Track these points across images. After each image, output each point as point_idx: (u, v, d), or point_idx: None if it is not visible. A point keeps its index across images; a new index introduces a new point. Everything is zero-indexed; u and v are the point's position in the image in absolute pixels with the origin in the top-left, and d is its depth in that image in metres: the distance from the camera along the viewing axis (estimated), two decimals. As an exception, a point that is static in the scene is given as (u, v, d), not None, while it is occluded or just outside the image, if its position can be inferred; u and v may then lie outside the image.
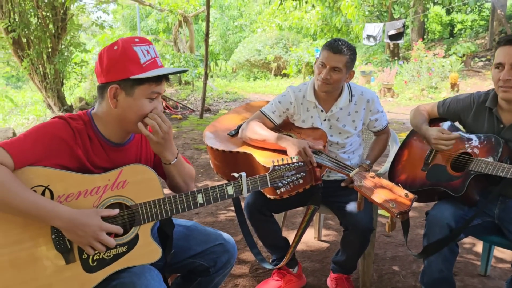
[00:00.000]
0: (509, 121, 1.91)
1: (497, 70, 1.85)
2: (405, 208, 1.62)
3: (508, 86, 1.82)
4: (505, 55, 1.82)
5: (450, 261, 1.91)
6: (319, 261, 2.64)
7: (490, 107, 1.96)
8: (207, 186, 1.54)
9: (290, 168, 1.67)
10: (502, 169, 1.75)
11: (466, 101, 2.06)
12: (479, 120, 1.99)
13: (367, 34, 12.40)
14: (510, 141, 1.90)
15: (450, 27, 19.82)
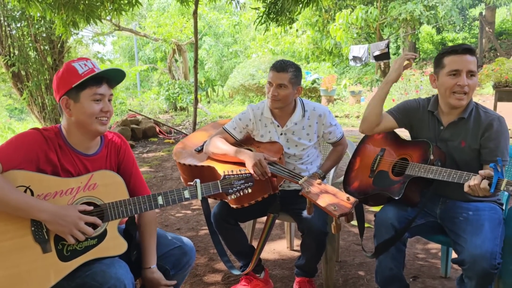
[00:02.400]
0: (447, 122, 2.07)
1: (452, 77, 1.96)
2: (346, 210, 1.79)
3: (463, 92, 1.95)
4: (462, 62, 1.94)
5: (398, 259, 2.06)
6: (288, 269, 2.77)
7: (432, 111, 2.12)
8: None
9: (239, 177, 1.89)
10: (431, 171, 1.90)
11: (414, 104, 2.20)
12: (423, 123, 2.15)
13: (353, 55, 12.73)
14: (449, 140, 2.05)
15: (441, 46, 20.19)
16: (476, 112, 2.03)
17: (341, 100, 12.36)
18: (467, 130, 2.02)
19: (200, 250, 3.12)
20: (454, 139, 2.04)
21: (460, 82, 1.93)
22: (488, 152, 1.96)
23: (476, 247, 1.78)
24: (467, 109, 2.02)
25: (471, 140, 2.00)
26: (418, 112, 2.16)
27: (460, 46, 1.97)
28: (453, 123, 2.05)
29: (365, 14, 12.99)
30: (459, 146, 2.02)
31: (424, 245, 3.07)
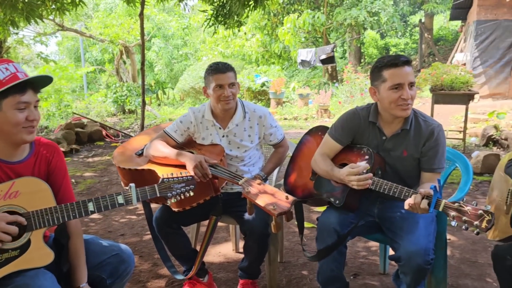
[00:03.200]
0: (390, 133, 2.06)
1: (395, 90, 1.91)
2: (285, 209, 1.81)
3: (407, 103, 1.93)
4: (403, 76, 1.91)
5: (339, 261, 2.10)
6: (233, 271, 2.77)
7: (373, 121, 2.08)
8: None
9: (179, 181, 1.83)
10: (373, 183, 1.90)
11: (355, 119, 2.11)
12: (365, 134, 2.12)
13: (301, 59, 13.02)
14: (392, 150, 2.06)
15: (385, 51, 21.05)
16: (416, 122, 2.04)
17: (289, 103, 12.57)
18: (409, 140, 2.03)
19: (145, 256, 3.05)
20: (397, 149, 2.04)
21: (404, 95, 1.91)
22: (427, 160, 2.01)
23: (411, 244, 1.85)
24: (408, 119, 2.02)
25: (412, 150, 2.02)
26: (360, 126, 2.11)
27: (399, 59, 1.93)
28: (396, 134, 2.04)
29: (312, 18, 13.30)
30: (401, 155, 2.04)
31: (365, 243, 3.17)
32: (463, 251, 3.03)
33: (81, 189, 4.88)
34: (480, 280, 2.62)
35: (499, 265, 1.82)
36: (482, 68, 11.12)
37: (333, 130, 2.16)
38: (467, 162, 2.31)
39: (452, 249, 3.05)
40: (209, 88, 2.33)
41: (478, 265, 2.82)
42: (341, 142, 2.13)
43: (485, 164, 5.02)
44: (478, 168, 5.02)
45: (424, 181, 2.02)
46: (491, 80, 11.14)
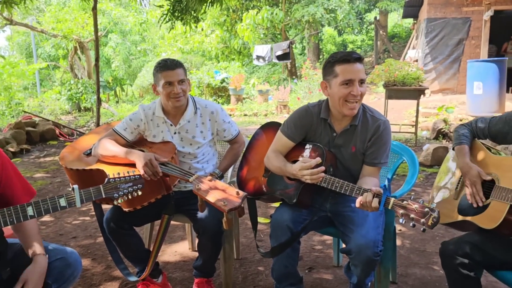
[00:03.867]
0: (340, 129, 2.09)
1: (345, 86, 1.94)
2: (236, 205, 1.81)
3: (356, 100, 1.97)
4: (354, 72, 1.94)
5: (293, 257, 2.13)
6: (189, 271, 2.75)
7: (325, 118, 2.10)
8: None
9: (126, 180, 1.78)
10: (325, 181, 1.92)
11: (307, 117, 2.14)
12: (317, 131, 2.14)
13: (257, 55, 13.07)
14: (342, 146, 2.09)
15: (343, 47, 21.49)
16: (364, 117, 2.08)
17: (249, 99, 12.59)
18: (357, 136, 2.07)
19: (98, 258, 2.98)
20: (346, 145, 2.08)
21: (354, 91, 1.94)
22: (370, 154, 2.05)
23: (361, 237, 1.91)
24: (357, 115, 2.06)
25: (360, 145, 2.07)
26: (312, 123, 2.13)
27: (351, 56, 1.96)
28: (345, 130, 2.08)
29: (270, 15, 13.37)
30: (350, 151, 2.08)
31: (320, 237, 3.24)
32: (412, 241, 3.15)
33: (31, 191, 4.69)
34: (427, 268, 2.73)
35: (447, 262, 1.87)
36: (433, 64, 11.57)
37: (286, 127, 2.17)
38: (413, 155, 2.40)
39: (403, 239, 3.17)
40: (159, 86, 2.30)
41: (426, 254, 2.94)
42: (293, 139, 2.15)
43: (435, 156, 5.23)
44: (428, 161, 5.23)
45: (365, 174, 2.07)
46: (441, 76, 11.62)
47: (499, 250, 1.76)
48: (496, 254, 1.77)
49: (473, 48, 11.40)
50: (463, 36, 11.43)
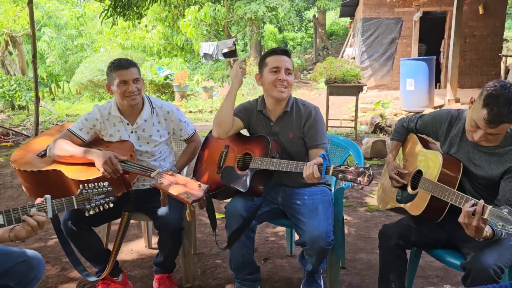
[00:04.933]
0: (274, 117, 2.33)
1: (273, 73, 2.21)
2: (199, 196, 1.90)
3: (283, 85, 2.21)
4: (281, 61, 2.22)
5: (248, 246, 2.26)
6: (148, 268, 2.79)
7: (260, 110, 2.34)
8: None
9: (99, 192, 1.78)
10: (272, 164, 2.13)
11: (249, 106, 2.40)
12: (257, 122, 2.37)
13: (204, 52, 13.09)
14: (279, 133, 2.30)
15: (283, 44, 21.94)
16: (297, 106, 2.33)
17: (194, 96, 12.55)
18: (292, 122, 2.30)
19: (51, 261, 2.92)
20: (283, 132, 2.30)
21: (280, 77, 2.20)
22: (310, 138, 2.27)
23: (313, 229, 2.07)
24: (289, 103, 2.30)
25: (296, 131, 2.29)
26: (253, 113, 2.37)
27: (279, 48, 2.29)
28: (280, 117, 2.31)
29: (213, 11, 13.38)
30: (288, 137, 2.29)
31: (273, 229, 3.39)
32: (358, 229, 3.40)
33: (-32, 196, 4.44)
34: (372, 253, 2.96)
35: (384, 243, 2.07)
36: (369, 61, 12.18)
37: (235, 110, 2.39)
38: (358, 149, 2.60)
39: (349, 228, 3.40)
40: (113, 85, 2.32)
41: (371, 240, 3.19)
42: (242, 119, 2.37)
43: (374, 149, 5.58)
44: (368, 153, 5.57)
45: (312, 157, 2.25)
46: (377, 73, 12.26)
47: (434, 231, 1.99)
48: (430, 234, 1.99)
49: (405, 46, 12.14)
50: (396, 35, 12.13)
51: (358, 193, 4.32)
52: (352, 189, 4.39)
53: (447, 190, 1.79)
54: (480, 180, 1.89)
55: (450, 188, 1.80)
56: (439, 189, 1.82)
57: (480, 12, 11.52)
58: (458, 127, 1.99)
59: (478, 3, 11.46)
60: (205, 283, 2.61)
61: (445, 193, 1.79)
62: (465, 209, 1.57)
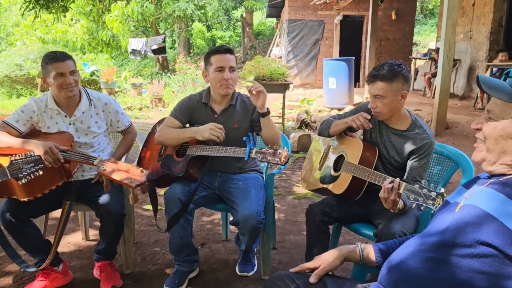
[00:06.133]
0: (219, 110, 2.48)
1: (219, 72, 2.35)
2: (142, 180, 2.04)
3: (228, 84, 2.38)
4: (224, 61, 2.36)
5: (187, 228, 2.42)
6: (87, 258, 2.85)
7: (206, 102, 2.48)
8: None
9: (28, 161, 1.93)
10: (207, 150, 2.31)
11: (190, 102, 2.52)
12: (200, 115, 2.50)
13: (132, 48, 12.88)
14: (224, 124, 2.40)
15: (212, 42, 22.06)
16: (241, 100, 2.51)
17: (122, 93, 12.28)
18: (238, 113, 2.48)
19: (-18, 258, 2.86)
20: (227, 122, 2.46)
21: (225, 76, 2.36)
22: (256, 124, 2.45)
23: (246, 209, 2.28)
24: (233, 97, 2.49)
25: (242, 121, 2.47)
26: (195, 108, 2.50)
27: (222, 47, 2.42)
28: (225, 110, 2.48)
29: (141, 7, 13.16)
30: (233, 127, 2.46)
31: (209, 217, 3.58)
32: (286, 214, 3.69)
33: None
34: (299, 234, 3.26)
35: (310, 220, 2.34)
36: (294, 61, 12.75)
37: (174, 111, 2.52)
38: (287, 140, 2.86)
39: (279, 213, 3.68)
40: (49, 77, 2.37)
41: (298, 223, 3.50)
42: (181, 120, 2.48)
43: (300, 143, 5.97)
44: (294, 147, 5.94)
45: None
46: (302, 72, 12.87)
47: (352, 207, 2.31)
48: (349, 210, 2.31)
49: (327, 47, 12.87)
50: (319, 36, 12.82)
51: (287, 183, 4.65)
52: (281, 179, 4.71)
53: (368, 171, 2.09)
54: (393, 162, 2.23)
55: (370, 169, 2.12)
56: (360, 170, 2.13)
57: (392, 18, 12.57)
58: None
59: (391, 9, 12.48)
60: (145, 268, 2.72)
61: (365, 173, 2.09)
62: (385, 186, 1.84)
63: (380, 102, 2.14)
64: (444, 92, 5.53)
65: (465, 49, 10.13)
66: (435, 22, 22.03)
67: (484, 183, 1.18)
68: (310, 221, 2.35)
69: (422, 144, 2.13)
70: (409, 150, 2.16)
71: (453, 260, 1.04)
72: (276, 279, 1.42)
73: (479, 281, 0.99)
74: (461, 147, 2.56)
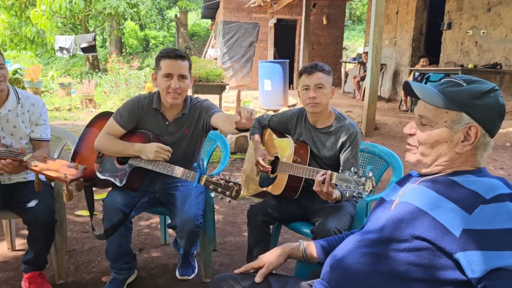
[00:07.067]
0: (172, 118, 2.37)
1: (166, 79, 2.21)
2: (77, 175, 1.92)
3: (176, 93, 2.23)
4: (174, 68, 2.21)
5: (126, 236, 2.34)
6: (14, 270, 2.66)
7: (157, 108, 2.34)
8: None
9: None
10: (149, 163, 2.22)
11: (137, 105, 2.34)
12: (149, 120, 2.37)
13: (60, 46, 12.21)
14: (176, 132, 2.37)
15: (145, 42, 21.52)
16: (194, 105, 2.39)
17: (49, 93, 11.59)
18: (191, 121, 2.38)
19: None
20: (179, 130, 2.38)
21: (172, 85, 2.19)
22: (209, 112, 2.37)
23: (184, 213, 2.24)
24: (186, 105, 2.38)
25: (194, 128, 2.39)
26: (143, 112, 2.34)
27: (174, 52, 2.24)
28: (178, 118, 2.37)
29: (69, 3, 12.49)
30: (184, 133, 2.38)
31: (146, 221, 3.49)
32: (226, 216, 3.70)
33: None
34: (239, 235, 3.29)
35: (252, 221, 2.37)
36: (230, 63, 12.81)
37: (118, 116, 2.34)
38: (225, 140, 2.88)
39: (218, 215, 3.68)
40: None
41: (237, 224, 3.52)
42: (125, 127, 2.35)
43: (237, 144, 6.01)
44: (232, 148, 5.97)
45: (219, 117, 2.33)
46: (237, 74, 12.97)
47: (291, 207, 2.37)
48: (289, 209, 2.36)
49: (262, 50, 13.07)
50: (254, 39, 12.99)
51: (225, 184, 4.64)
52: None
53: (301, 167, 2.16)
54: (326, 161, 2.32)
55: (303, 165, 2.18)
56: (294, 168, 2.19)
57: (324, 23, 13.06)
58: (304, 120, 2.41)
59: (322, 14, 12.96)
60: (79, 278, 2.60)
61: (299, 170, 2.15)
62: (317, 179, 1.91)
63: (320, 92, 2.22)
64: (372, 94, 5.84)
65: (390, 55, 10.78)
66: (362, 28, 23.21)
67: (416, 181, 1.26)
68: (252, 222, 2.37)
69: (350, 134, 2.25)
70: (340, 143, 2.26)
71: (391, 254, 1.11)
72: (220, 281, 1.42)
73: (415, 273, 1.07)
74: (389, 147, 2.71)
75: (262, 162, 2.34)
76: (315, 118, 2.34)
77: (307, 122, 2.39)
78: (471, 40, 8.30)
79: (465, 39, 8.46)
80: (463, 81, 1.18)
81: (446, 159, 1.20)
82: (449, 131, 1.18)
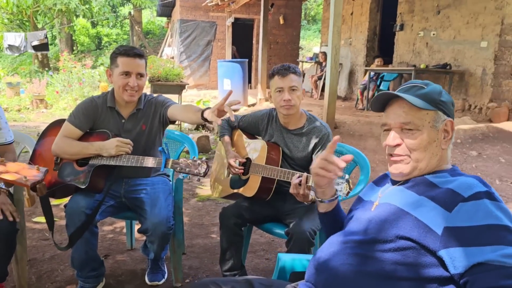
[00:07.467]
0: (127, 115, 2.34)
1: (123, 77, 2.19)
2: (38, 179, 1.78)
3: (133, 90, 2.22)
4: (132, 66, 2.19)
5: (92, 241, 2.25)
6: (-31, 283, 2.50)
7: (111, 106, 2.31)
8: None
9: None
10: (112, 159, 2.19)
11: (91, 106, 2.32)
12: (105, 119, 2.32)
13: (8, 44, 11.59)
14: (132, 129, 2.33)
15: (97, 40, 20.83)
16: (148, 101, 2.37)
17: (-5, 93, 10.98)
18: (147, 117, 2.35)
19: None
20: (136, 126, 2.34)
21: (130, 83, 2.20)
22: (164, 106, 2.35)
23: (155, 216, 2.19)
24: (141, 102, 2.36)
25: (150, 123, 2.36)
26: (97, 111, 2.31)
27: (132, 51, 2.23)
28: (133, 114, 2.35)
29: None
30: (141, 130, 2.35)
31: (110, 226, 3.39)
32: (192, 218, 3.66)
33: None
34: (207, 237, 3.26)
35: (224, 223, 2.34)
36: (188, 62, 12.66)
37: (73, 117, 2.30)
38: (192, 142, 2.83)
39: (184, 217, 3.61)
40: None
41: (204, 226, 3.49)
42: (81, 128, 2.29)
43: (199, 144, 5.95)
44: (194, 149, 5.91)
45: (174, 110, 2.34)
46: (195, 73, 12.84)
47: (264, 208, 2.37)
48: (261, 211, 2.37)
49: (220, 49, 13.02)
50: (211, 38, 12.91)
51: (189, 185, 4.60)
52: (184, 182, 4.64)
53: (275, 169, 2.17)
54: (298, 162, 2.34)
55: (276, 167, 2.19)
56: (268, 170, 2.19)
57: (281, 22, 13.19)
58: (275, 121, 2.42)
59: (279, 14, 13.09)
60: (42, 288, 2.49)
61: (273, 172, 2.16)
62: (293, 182, 1.91)
63: (294, 95, 2.24)
64: (332, 94, 5.96)
65: (346, 55, 11.06)
66: (317, 28, 23.67)
67: (395, 182, 1.31)
68: (225, 225, 2.35)
69: (322, 135, 2.29)
70: (312, 144, 2.29)
71: (377, 255, 1.14)
72: (200, 286, 1.40)
73: (402, 272, 1.10)
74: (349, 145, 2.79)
75: (234, 164, 2.33)
76: (287, 120, 2.35)
77: (278, 123, 2.40)
78: (422, 41, 8.68)
79: (416, 40, 8.83)
80: (423, 84, 1.27)
81: (437, 158, 1.26)
82: (434, 131, 1.24)
